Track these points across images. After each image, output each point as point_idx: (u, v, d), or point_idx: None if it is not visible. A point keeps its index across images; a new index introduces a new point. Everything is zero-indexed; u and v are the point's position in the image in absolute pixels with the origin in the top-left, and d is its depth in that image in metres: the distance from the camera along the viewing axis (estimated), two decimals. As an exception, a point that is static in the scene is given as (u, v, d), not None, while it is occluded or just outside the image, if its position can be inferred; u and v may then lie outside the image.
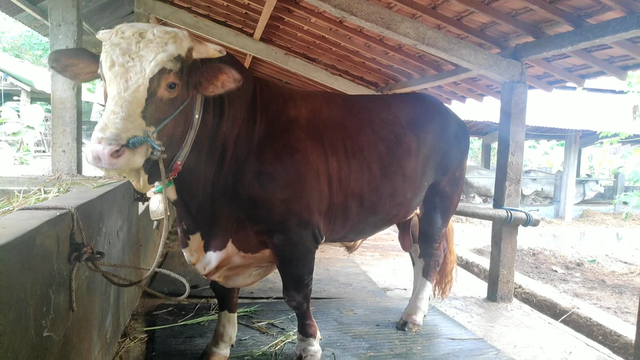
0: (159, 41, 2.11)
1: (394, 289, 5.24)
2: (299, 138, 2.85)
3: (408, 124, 3.45)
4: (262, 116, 2.77)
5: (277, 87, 3.04)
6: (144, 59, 2.06)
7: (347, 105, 3.31)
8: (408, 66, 7.01)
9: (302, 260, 2.93)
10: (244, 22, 7.65)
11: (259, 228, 2.80)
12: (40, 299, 1.82)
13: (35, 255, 1.78)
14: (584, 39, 3.95)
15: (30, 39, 29.00)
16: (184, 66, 2.18)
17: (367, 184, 3.13)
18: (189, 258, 2.88)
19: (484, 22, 4.86)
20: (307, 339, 3.12)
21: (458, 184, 3.93)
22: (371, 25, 4.35)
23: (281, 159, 2.75)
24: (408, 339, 3.73)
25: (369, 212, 3.21)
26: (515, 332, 4.16)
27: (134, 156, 2.01)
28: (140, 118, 2.04)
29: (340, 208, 3.05)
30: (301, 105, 3.00)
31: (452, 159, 3.76)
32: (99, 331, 2.75)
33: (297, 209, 2.79)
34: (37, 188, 2.95)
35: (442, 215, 3.84)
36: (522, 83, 4.84)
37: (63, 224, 2.08)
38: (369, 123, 3.27)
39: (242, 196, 2.69)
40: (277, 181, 2.73)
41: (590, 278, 8.67)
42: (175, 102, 2.21)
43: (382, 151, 3.22)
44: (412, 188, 3.41)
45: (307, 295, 3.03)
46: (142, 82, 2.05)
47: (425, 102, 3.79)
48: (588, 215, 16.05)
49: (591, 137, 16.10)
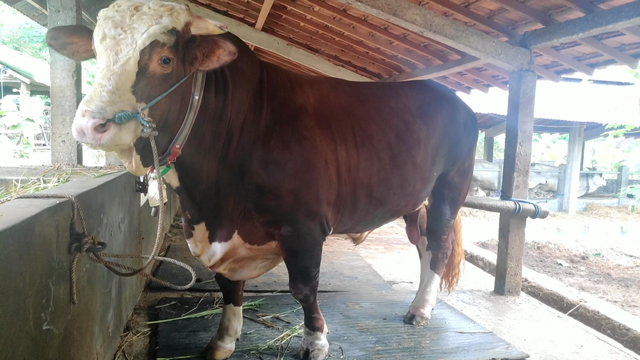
0: (153, 13, 2.01)
1: (399, 282, 5.16)
2: (307, 126, 2.76)
3: (417, 112, 3.36)
4: (269, 102, 2.67)
5: (285, 73, 2.94)
6: (135, 30, 1.97)
7: (355, 91, 3.22)
8: (413, 56, 6.89)
9: (309, 252, 2.84)
10: (246, 11, 7.53)
11: (266, 219, 2.71)
12: (39, 290, 1.74)
13: (34, 244, 1.70)
14: (596, 24, 3.85)
15: (29, 31, 28.82)
16: (179, 41, 2.07)
17: (377, 174, 3.04)
18: (194, 249, 2.80)
19: (492, 9, 4.75)
20: (314, 333, 3.05)
21: (467, 175, 3.84)
22: (377, 11, 4.24)
23: (289, 147, 2.66)
24: (416, 333, 3.66)
25: (378, 203, 3.13)
26: (525, 325, 4.09)
27: (120, 132, 1.90)
28: (129, 93, 1.94)
29: (349, 198, 2.96)
30: (309, 91, 2.90)
31: (461, 149, 3.67)
32: (100, 325, 2.67)
33: (306, 199, 2.70)
34: (36, 178, 2.87)
35: (450, 206, 3.75)
36: (530, 72, 4.73)
37: (63, 213, 1.99)
38: (377, 111, 3.18)
39: (249, 185, 2.60)
40: (286, 170, 2.64)
41: (595, 271, 8.60)
42: (169, 79, 2.10)
43: (392, 140, 3.13)
44: (421, 178, 3.32)
45: (314, 287, 2.96)
46: (133, 54, 1.95)
47: (435, 90, 3.69)
48: (592, 208, 15.96)
49: (595, 129, 15.97)
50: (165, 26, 2.00)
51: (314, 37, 7.67)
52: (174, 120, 2.21)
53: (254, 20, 7.68)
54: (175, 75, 2.12)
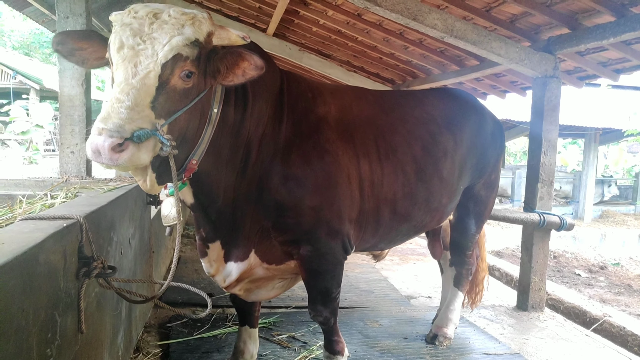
0: (174, 22, 1.84)
1: (417, 296, 4.97)
2: (329, 139, 2.60)
3: (444, 122, 3.18)
4: (290, 114, 2.52)
5: (305, 82, 2.78)
6: (156, 41, 1.81)
7: (379, 101, 3.06)
8: (428, 61, 6.72)
9: (330, 273, 2.67)
10: (257, 17, 7.40)
11: (285, 238, 2.55)
12: (44, 325, 1.59)
13: (38, 275, 1.54)
14: (629, 29, 3.66)
15: (39, 37, 29.01)
16: (201, 53, 1.92)
17: (401, 189, 2.87)
18: (208, 269, 2.64)
19: (515, 13, 4.58)
20: (335, 357, 2.87)
21: (493, 187, 3.66)
22: (396, 16, 4.08)
23: (310, 162, 2.50)
24: (440, 354, 3.47)
25: (402, 219, 2.96)
26: (552, 345, 3.88)
27: (139, 152, 1.75)
28: (148, 109, 1.79)
29: (372, 215, 2.79)
30: (330, 101, 2.74)
31: (488, 160, 3.49)
32: (110, 350, 2.52)
33: (328, 217, 2.54)
34: (43, 193, 2.73)
35: (476, 221, 3.56)
36: (555, 78, 4.55)
37: (70, 236, 1.84)
38: (402, 121, 3.01)
39: (267, 202, 2.44)
40: (306, 186, 2.48)
41: (615, 282, 8.34)
42: (190, 93, 1.94)
43: (417, 152, 2.96)
44: (447, 192, 3.14)
45: (335, 309, 2.78)
46: (154, 67, 1.79)
47: (461, 99, 3.52)
48: (608, 215, 15.62)
49: (611, 135, 15.66)
50: (188, 37, 1.85)
51: (327, 43, 7.53)
52: (192, 135, 2.06)
53: (265, 26, 7.56)
54: (196, 88, 1.96)
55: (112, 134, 1.66)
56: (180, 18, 1.86)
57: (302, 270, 2.64)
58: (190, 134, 2.04)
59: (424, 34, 5.72)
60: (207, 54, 1.95)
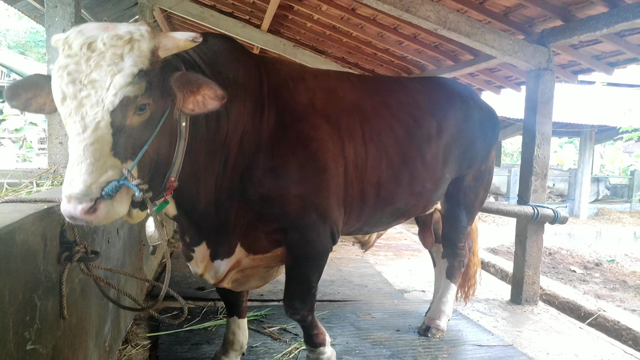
0: (112, 55, 1.64)
1: (411, 290, 4.95)
2: (314, 125, 2.55)
3: (428, 107, 3.16)
4: (271, 105, 2.44)
5: (286, 68, 2.69)
6: (98, 84, 1.62)
7: (363, 85, 3.02)
8: (423, 57, 6.71)
9: (317, 261, 2.63)
10: (252, 12, 7.38)
11: (272, 227, 2.51)
12: (22, 307, 1.55)
13: (15, 255, 1.51)
14: (622, 19, 3.65)
15: (35, 36, 28.89)
16: (152, 77, 1.72)
17: (385, 171, 2.84)
18: (195, 270, 2.57)
19: (509, 5, 4.56)
20: (317, 349, 2.83)
21: (484, 179, 3.62)
22: (389, 8, 4.06)
23: (295, 151, 2.45)
24: (432, 346, 3.44)
25: (386, 202, 2.92)
26: (546, 337, 3.86)
27: (113, 207, 1.67)
28: (111, 158, 1.66)
29: (357, 198, 2.76)
30: (314, 86, 2.68)
31: (477, 151, 3.44)
32: (96, 339, 2.48)
33: (315, 204, 2.50)
34: (29, 181, 2.69)
35: (467, 212, 3.53)
36: (549, 70, 4.53)
37: (51, 219, 1.81)
38: (385, 105, 2.97)
39: (252, 196, 2.39)
40: (292, 175, 2.43)
41: (610, 279, 8.33)
42: (151, 121, 1.78)
43: (400, 135, 2.93)
44: (431, 177, 3.11)
45: (312, 307, 2.73)
46: (102, 117, 1.63)
47: (447, 86, 3.49)
48: (603, 213, 15.63)
49: (607, 133, 15.67)
50: (131, 72, 1.64)
51: (321, 39, 7.50)
52: (164, 157, 1.93)
53: (259, 22, 7.53)
54: (157, 113, 1.80)
55: (80, 199, 1.59)
56: (117, 45, 1.66)
57: (288, 257, 2.60)
58: (163, 157, 1.92)
59: (418, 28, 5.70)
60: (158, 73, 1.76)
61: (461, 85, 3.75)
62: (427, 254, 5.37)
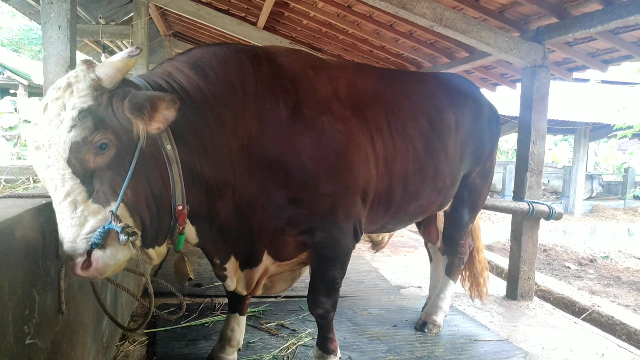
0: (56, 108, 1.64)
1: (407, 286, 4.97)
2: (341, 117, 2.43)
3: (446, 100, 3.14)
4: (287, 100, 2.29)
5: (304, 57, 2.55)
6: (52, 141, 1.64)
7: (382, 75, 2.98)
8: (419, 54, 6.73)
9: (341, 260, 2.58)
10: (247, 9, 7.37)
11: (299, 230, 2.42)
12: (21, 301, 1.56)
13: (15, 249, 1.51)
14: (617, 16, 3.67)
15: (29, 33, 28.72)
16: (101, 112, 1.67)
17: (412, 164, 2.79)
18: (230, 285, 2.52)
19: (504, 3, 4.58)
20: (327, 356, 2.76)
21: (488, 177, 3.66)
22: (385, 5, 4.06)
23: (322, 147, 2.32)
24: (429, 341, 3.47)
25: (412, 198, 2.89)
26: (541, 332, 3.89)
27: (108, 254, 1.66)
28: (90, 206, 1.65)
29: (384, 193, 2.69)
30: (339, 76, 2.59)
31: (484, 147, 3.48)
32: (94, 335, 2.48)
33: (343, 202, 2.42)
34: (26, 177, 2.68)
35: (470, 210, 3.55)
36: (544, 67, 4.56)
37: (50, 214, 1.80)
38: (407, 95, 2.93)
39: (277, 200, 2.29)
40: (320, 174, 2.33)
41: (604, 275, 8.40)
42: (122, 156, 1.72)
43: (425, 127, 2.89)
44: (451, 173, 3.10)
45: (336, 302, 2.70)
46: (63, 169, 1.63)
47: (460, 82, 3.52)
48: (598, 210, 15.75)
49: (601, 130, 15.78)
50: (71, 117, 1.62)
51: (317, 36, 7.50)
52: (158, 186, 1.85)
53: (255, 19, 7.51)
54: (126, 145, 1.73)
55: (72, 255, 1.61)
56: (60, 96, 1.66)
57: (313, 258, 2.53)
58: (157, 188, 1.85)
59: (414, 25, 5.72)
60: (108, 105, 1.70)
61: (470, 82, 3.78)
62: (423, 250, 5.38)
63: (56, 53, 3.47)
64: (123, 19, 9.50)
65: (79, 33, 8.11)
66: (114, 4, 8.80)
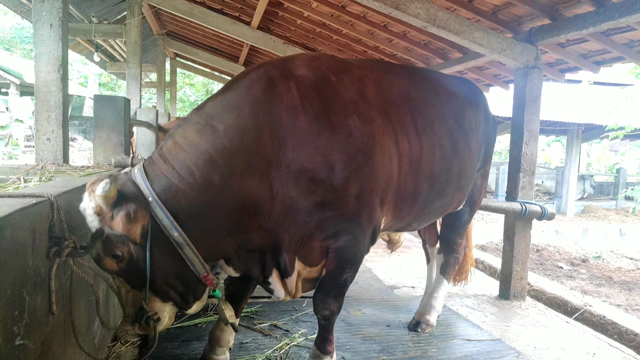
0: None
1: (401, 286, 4.98)
2: (366, 119, 2.41)
3: (466, 99, 3.19)
4: (310, 108, 2.27)
5: (325, 62, 2.50)
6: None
7: (407, 74, 2.96)
8: (413, 54, 6.74)
9: (357, 263, 2.58)
10: (241, 9, 7.36)
11: (326, 234, 2.41)
12: (10, 302, 1.54)
13: (3, 249, 1.50)
14: (608, 18, 3.70)
15: (21, 32, 28.47)
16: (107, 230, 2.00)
17: (439, 162, 2.78)
18: (280, 296, 2.56)
19: (497, 4, 4.61)
20: (324, 357, 2.75)
21: (487, 177, 3.76)
22: (379, 5, 4.07)
23: (349, 151, 2.31)
24: (422, 341, 3.47)
25: (437, 195, 2.88)
26: (533, 332, 3.91)
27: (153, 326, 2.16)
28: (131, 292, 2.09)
29: (410, 192, 2.68)
30: (361, 76, 2.56)
31: (490, 149, 3.60)
32: (85, 336, 2.46)
33: (367, 202, 2.41)
34: (17, 177, 2.66)
35: (470, 209, 3.61)
36: (537, 68, 4.58)
37: (40, 214, 1.79)
38: (435, 93, 2.94)
39: (306, 208, 2.30)
40: (349, 177, 2.31)
41: (596, 274, 8.46)
42: (138, 255, 2.02)
43: (451, 125, 2.90)
44: (472, 172, 3.14)
45: (341, 305, 2.69)
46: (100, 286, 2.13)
47: (474, 86, 3.61)
48: (590, 211, 15.86)
49: (593, 131, 15.89)
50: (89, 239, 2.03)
51: (311, 36, 7.50)
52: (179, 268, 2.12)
53: (249, 19, 7.51)
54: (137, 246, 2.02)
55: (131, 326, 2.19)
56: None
57: (333, 261, 2.50)
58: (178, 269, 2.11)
59: (408, 26, 5.74)
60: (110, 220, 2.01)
61: (479, 87, 3.85)
62: (416, 250, 5.41)
63: (48, 52, 3.46)
64: (116, 17, 9.45)
65: (72, 32, 8.05)
66: (107, 3, 8.75)
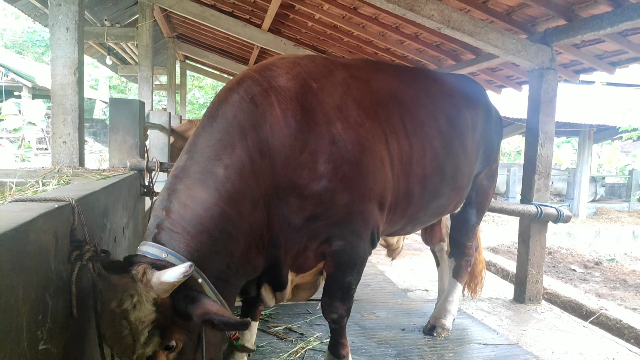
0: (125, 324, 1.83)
1: (414, 289, 4.95)
2: (353, 124, 2.35)
3: (462, 99, 3.13)
4: (291, 121, 2.21)
5: (304, 68, 2.40)
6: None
7: (398, 73, 2.91)
8: (424, 56, 6.71)
9: (358, 266, 2.55)
10: (252, 12, 7.37)
11: (319, 241, 2.40)
12: (35, 306, 1.54)
13: (28, 253, 1.50)
14: (627, 18, 3.65)
15: (32, 35, 28.78)
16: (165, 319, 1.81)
17: (430, 164, 2.74)
18: (270, 304, 2.59)
19: (512, 5, 4.57)
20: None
21: (494, 178, 3.65)
22: (393, 7, 4.05)
23: (334, 160, 2.25)
24: (438, 345, 3.44)
25: (431, 197, 2.85)
26: (550, 336, 3.87)
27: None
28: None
29: (402, 194, 2.65)
30: (345, 79, 2.48)
31: (492, 148, 3.49)
32: (103, 339, 2.46)
33: (359, 209, 2.39)
34: (35, 180, 2.67)
35: (477, 211, 3.53)
36: (552, 70, 4.53)
37: (62, 218, 1.79)
38: (426, 93, 2.88)
39: (297, 225, 2.28)
40: (336, 187, 2.27)
41: (610, 277, 8.34)
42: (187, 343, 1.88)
43: (444, 125, 2.85)
44: (468, 172, 3.09)
45: (350, 307, 2.66)
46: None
47: (473, 83, 3.54)
48: (602, 213, 15.67)
49: (605, 132, 15.71)
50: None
51: (322, 38, 7.50)
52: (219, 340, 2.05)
53: (260, 21, 7.52)
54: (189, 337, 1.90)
55: None
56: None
57: (331, 265, 2.50)
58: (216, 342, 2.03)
59: (420, 27, 5.71)
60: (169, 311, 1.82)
61: (478, 83, 3.79)
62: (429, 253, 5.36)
63: (64, 55, 3.47)
64: (128, 20, 9.51)
65: (85, 35, 8.08)
66: (119, 6, 8.81)
